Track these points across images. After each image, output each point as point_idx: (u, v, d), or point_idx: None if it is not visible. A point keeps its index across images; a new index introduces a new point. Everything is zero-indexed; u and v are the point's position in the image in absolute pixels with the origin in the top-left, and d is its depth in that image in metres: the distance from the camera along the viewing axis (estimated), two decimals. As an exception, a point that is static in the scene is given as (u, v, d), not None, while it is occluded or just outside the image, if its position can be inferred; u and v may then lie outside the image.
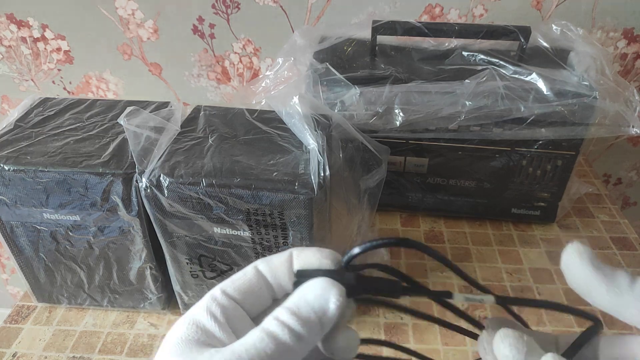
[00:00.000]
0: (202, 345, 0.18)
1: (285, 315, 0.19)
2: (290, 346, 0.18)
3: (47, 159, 0.42)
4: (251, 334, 0.18)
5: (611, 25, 0.66)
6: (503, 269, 0.54)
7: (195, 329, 0.19)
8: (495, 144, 0.53)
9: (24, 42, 0.71)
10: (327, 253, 0.21)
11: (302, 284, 0.20)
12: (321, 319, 0.19)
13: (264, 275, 0.21)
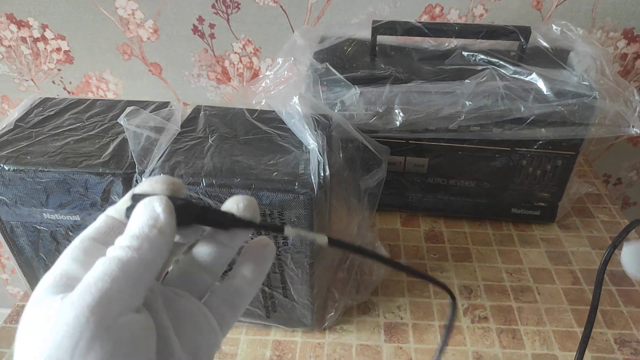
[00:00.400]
0: (66, 289, 0.18)
1: (119, 239, 0.19)
2: (134, 259, 0.18)
3: (47, 159, 0.42)
4: (95, 264, 0.18)
5: (611, 25, 0.66)
6: (503, 268, 0.54)
7: (59, 277, 0.19)
8: (495, 144, 0.53)
9: (24, 42, 0.71)
10: (160, 178, 0.22)
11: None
12: (153, 226, 0.19)
13: (113, 215, 0.21)
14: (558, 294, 0.51)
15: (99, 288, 0.17)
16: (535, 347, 0.46)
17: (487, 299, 0.51)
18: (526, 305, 0.50)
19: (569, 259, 0.56)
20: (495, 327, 0.48)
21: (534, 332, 0.47)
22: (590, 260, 0.56)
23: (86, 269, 0.19)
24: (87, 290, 0.17)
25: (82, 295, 0.17)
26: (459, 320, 0.49)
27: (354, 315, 0.49)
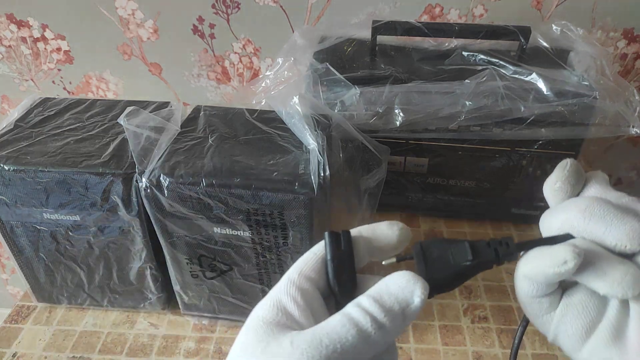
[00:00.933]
0: (284, 328, 0.18)
1: (367, 302, 0.19)
2: (371, 335, 0.18)
3: (47, 159, 0.42)
4: (332, 319, 0.18)
5: (611, 25, 0.66)
6: (503, 268, 0.54)
7: (277, 312, 0.19)
8: (495, 144, 0.53)
9: (24, 42, 0.71)
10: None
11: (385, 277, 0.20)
12: (404, 310, 0.18)
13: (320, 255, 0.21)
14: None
15: (330, 348, 0.17)
16: (536, 347, 0.46)
17: (487, 299, 0.51)
18: (526, 305, 0.50)
19: (569, 259, 0.56)
20: (495, 327, 0.48)
21: (534, 332, 0.47)
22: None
23: (301, 311, 0.19)
24: (319, 344, 0.17)
25: (315, 346, 0.17)
26: (458, 319, 0.49)
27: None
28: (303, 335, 0.17)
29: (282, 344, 0.17)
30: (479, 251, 0.22)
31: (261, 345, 0.18)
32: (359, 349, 0.17)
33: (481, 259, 0.22)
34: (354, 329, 0.17)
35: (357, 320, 0.18)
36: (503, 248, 0.22)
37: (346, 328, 0.18)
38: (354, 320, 0.18)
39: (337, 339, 0.17)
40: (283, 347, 0.17)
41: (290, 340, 0.18)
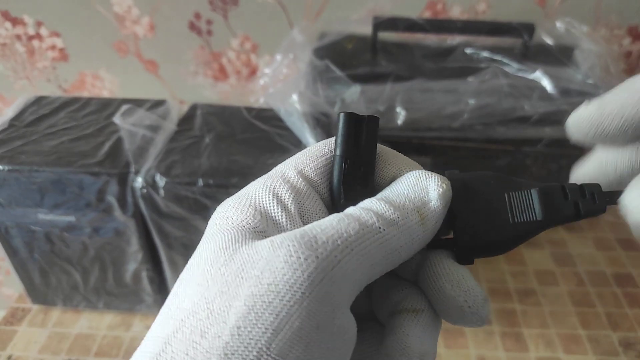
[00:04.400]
0: (260, 237, 0.14)
1: (369, 202, 0.15)
2: (379, 231, 0.14)
3: (41, 159, 0.41)
4: (326, 218, 0.14)
5: (615, 23, 0.65)
6: (507, 270, 0.54)
7: (253, 214, 0.14)
8: (498, 143, 0.52)
9: (18, 40, 0.70)
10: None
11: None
12: (420, 210, 0.15)
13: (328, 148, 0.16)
14: (562, 297, 0.51)
15: (328, 246, 0.13)
16: (539, 350, 0.45)
17: (491, 301, 0.50)
18: (530, 308, 0.49)
19: (573, 261, 0.55)
20: (498, 330, 0.47)
21: (538, 335, 0.47)
22: (595, 261, 0.55)
23: (290, 220, 0.14)
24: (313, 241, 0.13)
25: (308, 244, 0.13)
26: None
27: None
28: (289, 234, 0.13)
29: (258, 248, 0.13)
30: (552, 205, 0.15)
31: (226, 254, 0.13)
32: (368, 248, 0.13)
33: (554, 216, 0.15)
34: (356, 223, 0.14)
35: (358, 215, 0.14)
36: (587, 202, 0.16)
37: (345, 222, 0.13)
38: (354, 215, 0.14)
39: (336, 235, 0.13)
40: (259, 251, 0.13)
41: (271, 240, 0.13)
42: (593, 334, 0.47)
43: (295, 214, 0.15)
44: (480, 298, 0.15)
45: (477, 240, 0.16)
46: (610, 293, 0.51)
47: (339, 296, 0.13)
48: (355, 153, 0.15)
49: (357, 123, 0.15)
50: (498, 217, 0.16)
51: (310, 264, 0.12)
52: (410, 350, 0.15)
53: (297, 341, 0.12)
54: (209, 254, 0.14)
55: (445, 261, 0.16)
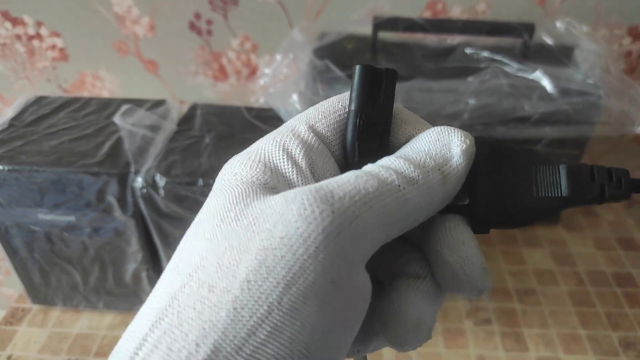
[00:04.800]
0: (271, 193, 0.13)
1: (388, 159, 0.14)
2: (399, 189, 0.13)
3: (41, 159, 0.41)
4: (343, 175, 0.13)
5: (616, 23, 0.65)
6: (507, 270, 0.54)
7: (263, 170, 0.14)
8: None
9: (18, 40, 0.70)
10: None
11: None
12: (442, 168, 0.14)
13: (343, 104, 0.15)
14: (562, 296, 0.51)
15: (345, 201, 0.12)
16: (539, 350, 0.45)
17: (491, 301, 0.50)
18: (530, 307, 0.49)
19: (573, 260, 0.55)
20: (498, 329, 0.47)
21: (538, 335, 0.47)
22: (595, 261, 0.55)
23: (301, 176, 0.14)
24: (329, 196, 0.12)
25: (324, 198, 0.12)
26: (461, 322, 0.48)
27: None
28: (303, 188, 0.12)
29: (270, 202, 0.12)
30: (578, 184, 0.15)
31: (237, 209, 0.13)
32: (387, 206, 0.13)
33: (580, 195, 0.15)
34: (374, 180, 0.13)
35: (377, 173, 0.13)
36: (613, 186, 0.15)
37: (364, 179, 0.13)
38: (372, 172, 0.13)
39: (354, 191, 0.12)
40: (272, 206, 0.12)
41: (284, 195, 0.13)
42: (593, 333, 0.47)
43: (306, 170, 0.14)
44: (479, 267, 0.14)
45: (497, 209, 0.15)
46: (610, 293, 0.51)
47: (356, 253, 0.12)
48: (371, 109, 0.14)
49: (374, 77, 0.14)
50: (522, 188, 0.15)
51: (325, 218, 0.12)
52: (404, 316, 0.15)
53: (311, 296, 0.11)
54: (219, 208, 0.13)
55: (449, 225, 0.15)
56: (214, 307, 0.11)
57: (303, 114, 0.15)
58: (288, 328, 0.11)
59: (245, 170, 0.14)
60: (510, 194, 0.15)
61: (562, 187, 0.15)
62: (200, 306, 0.11)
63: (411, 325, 0.14)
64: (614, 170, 0.15)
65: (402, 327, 0.14)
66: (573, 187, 0.15)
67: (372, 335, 0.16)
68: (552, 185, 0.15)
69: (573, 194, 0.15)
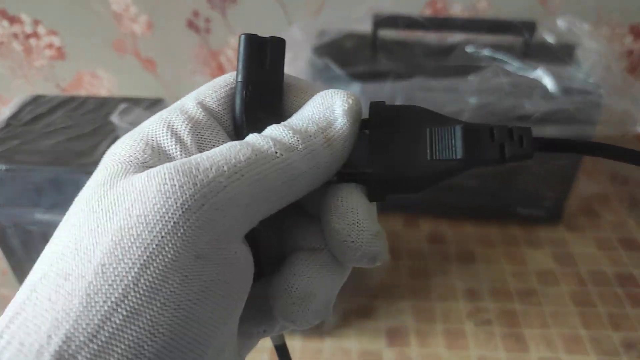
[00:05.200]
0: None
1: (270, 128, 0.14)
2: (276, 156, 0.13)
3: (39, 158, 0.41)
4: (219, 147, 0.13)
5: (617, 21, 0.65)
6: (507, 270, 0.53)
7: (144, 148, 0.13)
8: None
9: (15, 38, 0.70)
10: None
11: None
12: (326, 131, 0.14)
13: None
14: (563, 297, 0.50)
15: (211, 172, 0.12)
16: (540, 351, 0.45)
17: (491, 301, 0.50)
18: (531, 308, 0.49)
19: (574, 261, 0.55)
20: (499, 330, 0.47)
21: (539, 336, 0.46)
22: (597, 261, 0.55)
23: (185, 153, 0.13)
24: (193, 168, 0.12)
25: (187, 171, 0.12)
26: (462, 323, 0.48)
27: (354, 319, 0.48)
28: (169, 163, 0.12)
29: (133, 180, 0.12)
30: (475, 144, 0.14)
31: (102, 190, 0.12)
32: (262, 174, 0.12)
33: (476, 156, 0.14)
34: (248, 149, 0.13)
35: (253, 142, 0.13)
36: (514, 144, 0.14)
37: (237, 149, 0.12)
38: (249, 142, 0.13)
39: (223, 161, 0.12)
40: (134, 184, 0.12)
41: (147, 172, 0.12)
42: (594, 334, 0.46)
43: (191, 145, 0.14)
44: (367, 233, 0.14)
45: (389, 174, 0.14)
46: (612, 293, 0.51)
47: (225, 224, 0.12)
48: (258, 79, 0.14)
49: (259, 45, 0.15)
50: (416, 152, 0.14)
51: (186, 191, 0.11)
52: (293, 290, 0.14)
53: (172, 274, 0.11)
54: (86, 191, 0.13)
55: (340, 193, 0.14)
56: (67, 296, 0.11)
57: (195, 91, 0.15)
58: (147, 310, 0.11)
59: (125, 149, 0.13)
60: (403, 158, 0.14)
61: (456, 148, 0.14)
62: (55, 296, 0.11)
63: (297, 298, 0.14)
64: (514, 128, 0.15)
65: (289, 299, 0.14)
66: (468, 148, 0.14)
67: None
68: (446, 148, 0.14)
69: (468, 155, 0.14)
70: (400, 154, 0.14)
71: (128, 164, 0.13)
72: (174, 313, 0.11)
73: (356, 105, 0.14)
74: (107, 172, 0.13)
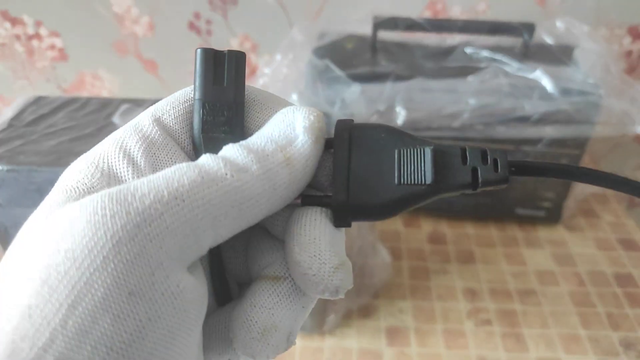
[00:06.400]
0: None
1: (226, 148, 0.13)
2: (225, 178, 0.12)
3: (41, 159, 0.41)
4: (165, 170, 0.12)
5: (616, 22, 0.65)
6: (507, 271, 0.53)
7: (93, 172, 0.13)
8: (499, 142, 0.52)
9: (18, 40, 0.70)
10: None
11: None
12: (284, 148, 0.13)
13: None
14: (563, 297, 0.51)
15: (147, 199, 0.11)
16: (540, 351, 0.45)
17: (491, 301, 0.50)
18: (530, 308, 0.49)
19: (574, 261, 0.55)
20: (499, 330, 0.47)
21: (539, 336, 0.47)
22: (596, 262, 0.55)
23: (139, 173, 0.13)
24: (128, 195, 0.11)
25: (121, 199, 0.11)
26: (462, 323, 0.48)
27: (355, 319, 0.48)
28: (105, 191, 0.11)
29: (67, 210, 0.11)
30: (444, 169, 0.13)
31: (36, 221, 0.12)
32: (207, 197, 0.11)
33: (446, 182, 0.13)
34: (194, 171, 0.12)
35: (202, 163, 0.12)
36: (487, 169, 0.13)
37: (182, 171, 0.12)
38: (198, 163, 0.12)
39: (163, 185, 0.11)
40: (67, 214, 0.11)
41: (81, 202, 0.11)
42: (593, 334, 0.47)
43: (145, 168, 0.13)
44: (329, 266, 0.13)
45: (354, 200, 0.13)
46: (611, 293, 0.51)
47: (161, 255, 0.11)
48: (216, 96, 0.13)
49: (216, 60, 0.14)
50: (383, 175, 0.13)
51: (116, 222, 0.10)
52: (252, 323, 0.13)
53: (102, 314, 0.10)
54: (27, 221, 0.12)
55: (305, 219, 0.13)
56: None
57: (153, 106, 0.14)
58: (77, 355, 0.10)
59: (73, 174, 0.13)
60: (370, 183, 0.13)
61: (425, 172, 0.13)
62: None
63: (258, 331, 0.13)
64: (489, 151, 0.13)
65: (248, 333, 0.13)
66: (438, 173, 0.13)
67: None
68: (415, 171, 0.13)
69: (437, 179, 0.13)
70: (366, 178, 0.13)
71: (72, 190, 0.12)
72: (106, 357, 0.10)
73: (319, 122, 0.13)
74: (49, 200, 0.12)
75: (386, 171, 0.13)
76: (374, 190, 0.13)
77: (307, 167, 0.13)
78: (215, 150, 0.13)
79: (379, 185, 0.13)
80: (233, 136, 0.14)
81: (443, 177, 0.13)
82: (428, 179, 0.13)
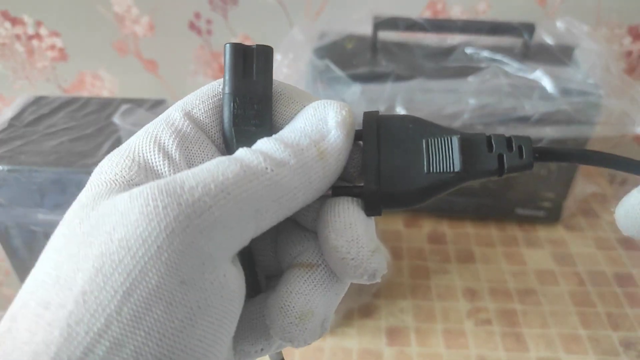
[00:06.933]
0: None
1: (260, 142, 0.13)
2: (266, 172, 0.12)
3: (41, 159, 0.41)
4: (206, 163, 0.12)
5: (616, 22, 0.65)
6: (507, 270, 0.54)
7: (130, 165, 0.13)
8: (498, 142, 0.52)
9: (18, 40, 0.70)
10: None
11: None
12: (318, 144, 0.13)
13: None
14: (563, 297, 0.51)
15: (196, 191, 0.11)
16: (540, 350, 0.45)
17: (491, 301, 0.50)
18: (530, 308, 0.49)
19: (573, 261, 0.55)
20: (499, 330, 0.47)
21: (538, 335, 0.47)
22: (596, 261, 0.55)
23: (174, 168, 0.13)
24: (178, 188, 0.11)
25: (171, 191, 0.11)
26: (461, 322, 0.48)
27: (355, 319, 0.48)
28: (153, 183, 0.12)
29: (116, 201, 0.12)
30: (473, 156, 0.14)
31: (84, 212, 0.12)
32: (250, 191, 0.12)
33: (474, 168, 0.14)
34: (236, 164, 0.12)
35: (242, 157, 0.12)
36: (513, 156, 0.14)
37: (225, 165, 0.12)
38: (238, 157, 0.12)
39: (210, 178, 0.12)
40: (116, 205, 0.11)
41: (130, 193, 0.11)
42: (593, 333, 0.47)
43: (180, 161, 0.13)
44: (366, 249, 0.13)
45: (385, 188, 0.14)
46: (611, 293, 0.51)
47: (210, 246, 0.11)
48: (245, 89, 0.14)
49: (245, 55, 0.14)
50: (412, 164, 0.14)
51: (169, 213, 0.11)
52: (290, 309, 0.13)
53: (155, 301, 0.11)
54: (69, 213, 0.12)
55: (337, 208, 0.14)
56: (47, 327, 0.10)
57: (182, 100, 0.14)
58: (130, 340, 0.10)
59: (111, 167, 0.13)
60: (400, 171, 0.14)
61: (454, 160, 0.14)
62: (35, 327, 0.10)
63: (295, 316, 0.13)
64: (514, 138, 0.14)
65: (286, 319, 0.13)
66: (466, 160, 0.14)
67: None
68: (443, 160, 0.14)
69: (465, 167, 0.14)
70: (395, 167, 0.14)
71: (113, 182, 0.13)
72: (159, 343, 0.10)
73: (350, 116, 0.14)
74: (90, 192, 0.12)
75: (415, 160, 0.14)
76: (404, 178, 0.14)
77: (339, 160, 0.14)
78: (247, 144, 0.13)
79: (408, 174, 0.14)
80: (263, 129, 0.14)
81: (470, 165, 0.14)
82: (457, 166, 0.14)
